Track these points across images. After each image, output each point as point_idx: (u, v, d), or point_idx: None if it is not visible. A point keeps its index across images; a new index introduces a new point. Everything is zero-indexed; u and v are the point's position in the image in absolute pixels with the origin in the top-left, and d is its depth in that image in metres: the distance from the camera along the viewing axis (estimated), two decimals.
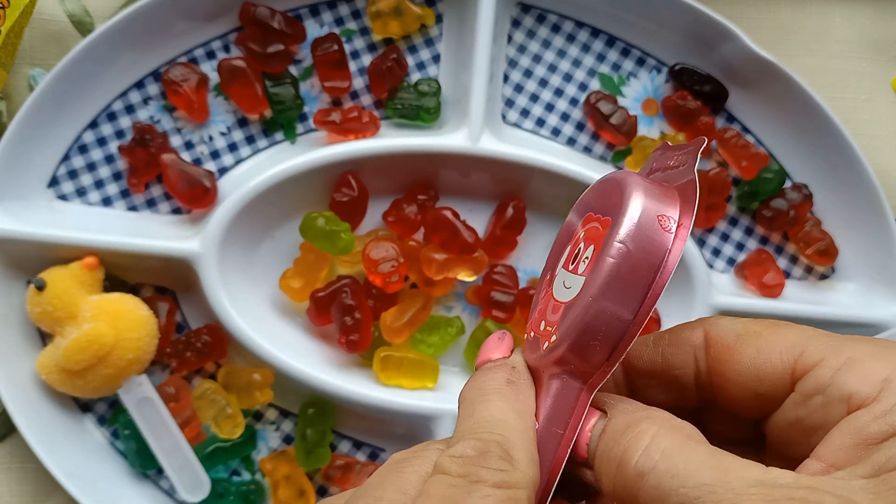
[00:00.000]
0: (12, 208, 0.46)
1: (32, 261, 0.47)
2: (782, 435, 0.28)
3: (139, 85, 0.49)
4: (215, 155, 0.49)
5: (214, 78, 0.49)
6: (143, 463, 0.47)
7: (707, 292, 0.49)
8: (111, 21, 0.46)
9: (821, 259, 0.51)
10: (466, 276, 0.49)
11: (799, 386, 0.27)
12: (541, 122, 0.51)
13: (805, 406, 0.26)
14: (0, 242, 0.46)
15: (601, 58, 0.51)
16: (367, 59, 0.50)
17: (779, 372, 0.27)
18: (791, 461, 0.25)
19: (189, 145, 0.49)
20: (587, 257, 0.26)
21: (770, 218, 0.50)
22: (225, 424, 0.47)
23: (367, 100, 0.50)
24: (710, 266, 0.51)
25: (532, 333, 0.28)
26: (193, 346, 0.47)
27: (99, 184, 0.49)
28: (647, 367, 0.29)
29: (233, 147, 0.49)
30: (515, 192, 0.50)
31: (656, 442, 0.24)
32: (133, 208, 0.49)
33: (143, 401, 0.46)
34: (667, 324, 0.50)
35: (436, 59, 0.51)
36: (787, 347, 0.27)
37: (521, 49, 0.51)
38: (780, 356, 0.27)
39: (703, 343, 0.28)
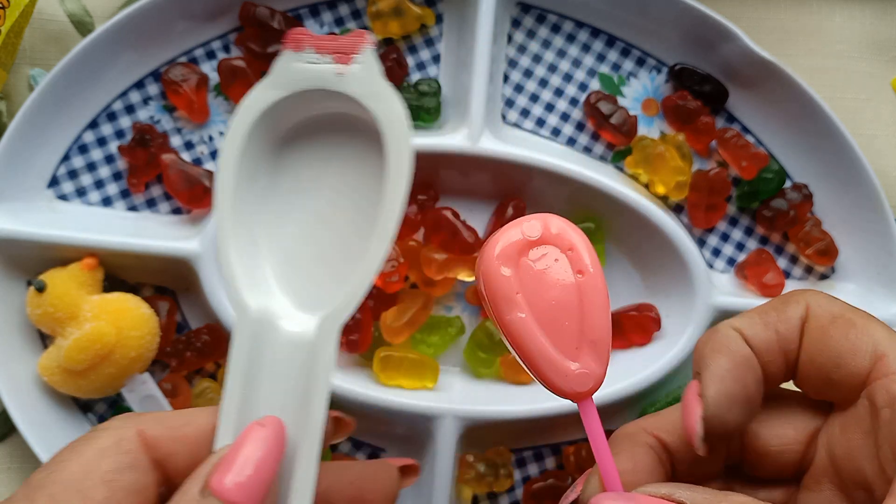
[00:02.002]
0: (12, 208, 0.46)
1: (32, 261, 0.47)
2: (841, 449, 0.28)
3: (139, 85, 0.49)
4: (215, 155, 0.49)
5: (214, 78, 0.49)
6: None
7: (707, 292, 0.49)
8: (111, 21, 0.46)
9: (821, 259, 0.51)
10: (466, 276, 0.49)
11: (868, 391, 0.27)
12: (541, 122, 0.51)
13: (872, 416, 0.27)
14: (0, 242, 0.46)
15: (601, 58, 0.51)
16: None
17: (856, 367, 0.28)
18: (846, 479, 0.26)
19: (189, 145, 0.49)
20: None
21: (770, 218, 0.50)
22: None
23: None
24: (710, 266, 0.51)
25: None
26: (193, 346, 0.47)
27: (99, 184, 0.49)
28: (765, 347, 0.29)
29: None
30: (515, 192, 0.50)
31: None
32: (133, 208, 0.49)
33: (147, 398, 0.46)
34: (667, 324, 0.50)
35: (436, 59, 0.51)
36: (872, 345, 0.28)
37: (522, 49, 0.51)
38: (863, 352, 0.28)
39: (804, 315, 0.29)
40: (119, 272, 0.48)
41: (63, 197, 0.48)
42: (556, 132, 0.51)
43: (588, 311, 0.28)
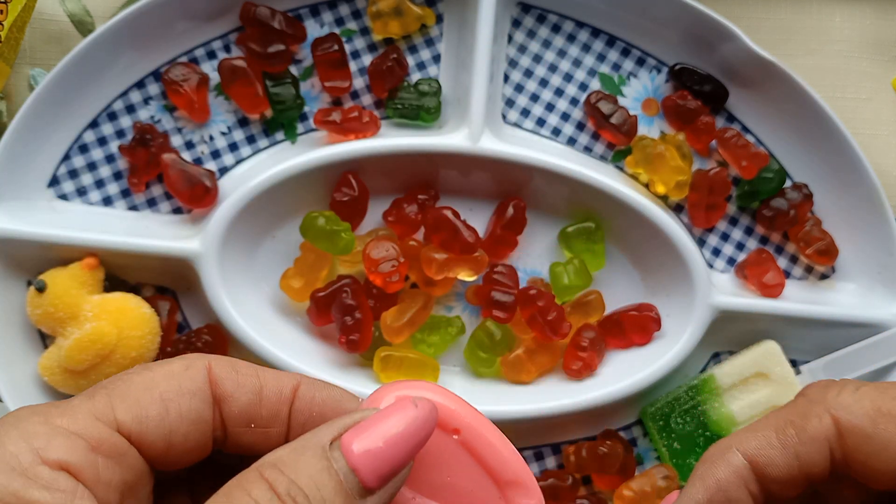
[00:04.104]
0: (12, 208, 0.46)
1: (33, 261, 0.47)
2: None
3: (140, 85, 0.49)
4: (216, 154, 0.49)
5: (215, 78, 0.49)
6: None
7: (707, 292, 0.49)
8: (111, 21, 0.46)
9: (821, 259, 0.51)
10: (467, 276, 0.49)
11: None
12: (541, 122, 0.51)
13: None
14: (0, 242, 0.46)
15: (601, 58, 0.51)
16: (367, 59, 0.50)
17: None
18: None
19: (190, 145, 0.49)
20: None
21: (770, 217, 0.51)
22: None
23: (367, 100, 0.50)
24: (710, 266, 0.51)
25: None
26: (194, 346, 0.47)
27: (99, 183, 0.49)
28: (784, 474, 0.27)
29: (233, 147, 0.49)
30: (516, 191, 0.50)
31: None
32: (133, 208, 0.49)
33: None
34: (667, 324, 0.50)
35: (436, 58, 0.51)
36: None
37: (522, 49, 0.51)
38: None
39: (835, 433, 0.27)
40: (120, 272, 0.48)
41: (63, 196, 0.48)
42: (556, 132, 0.51)
43: (486, 461, 0.26)
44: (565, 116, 0.51)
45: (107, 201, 0.49)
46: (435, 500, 0.26)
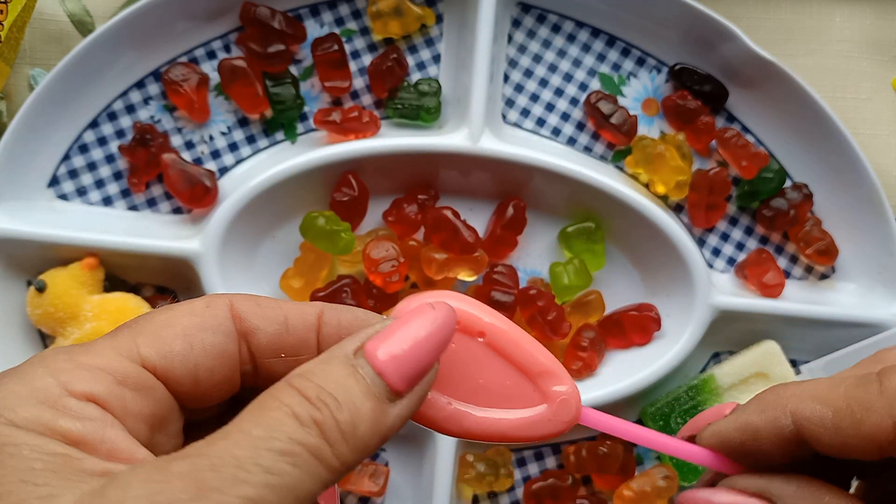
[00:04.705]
0: (12, 208, 0.46)
1: (33, 261, 0.47)
2: None
3: (140, 85, 0.49)
4: (216, 154, 0.49)
5: (215, 78, 0.49)
6: None
7: (707, 292, 0.49)
8: (111, 21, 0.46)
9: (821, 259, 0.51)
10: (467, 276, 0.49)
11: None
12: (541, 122, 0.51)
13: None
14: (0, 242, 0.46)
15: (601, 58, 0.51)
16: (367, 59, 0.50)
17: None
18: None
19: (190, 145, 0.49)
20: None
21: (770, 217, 0.50)
22: None
23: (367, 100, 0.50)
24: (710, 266, 0.51)
25: None
26: None
27: (99, 183, 0.49)
28: (825, 450, 0.26)
29: (233, 147, 0.49)
30: (516, 191, 0.50)
31: None
32: (133, 208, 0.49)
33: None
34: (667, 324, 0.50)
35: (436, 58, 0.51)
36: None
37: (522, 49, 0.51)
38: None
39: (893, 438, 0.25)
40: (120, 272, 0.48)
41: (63, 196, 0.48)
42: (556, 132, 0.51)
43: (514, 357, 0.27)
44: (565, 116, 0.51)
45: (107, 201, 0.49)
46: (472, 403, 0.27)
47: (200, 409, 0.27)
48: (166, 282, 0.49)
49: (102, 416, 0.23)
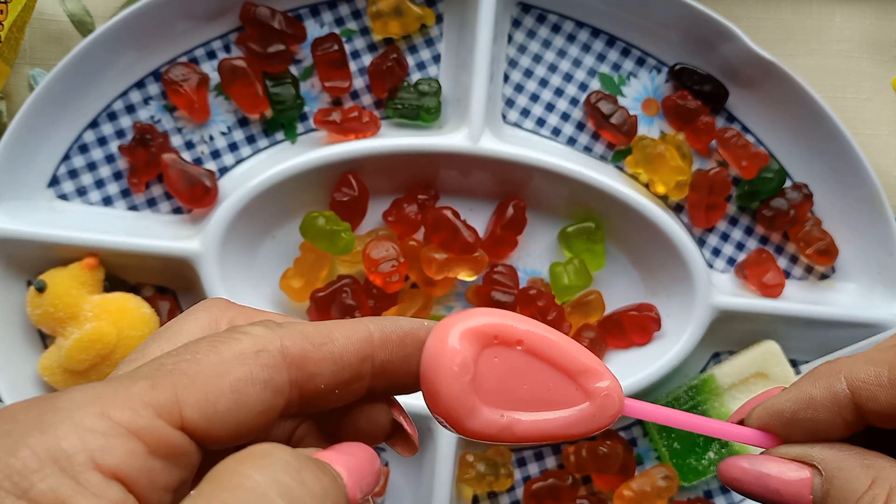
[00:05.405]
0: (12, 208, 0.46)
1: (33, 261, 0.47)
2: None
3: (140, 85, 0.49)
4: (216, 154, 0.49)
5: (215, 78, 0.49)
6: None
7: (707, 292, 0.49)
8: (111, 21, 0.46)
9: (821, 259, 0.51)
10: (467, 276, 0.49)
11: None
12: (541, 122, 0.51)
13: None
14: (0, 242, 0.46)
15: (601, 58, 0.51)
16: (367, 59, 0.50)
17: None
18: None
19: (190, 145, 0.49)
20: None
21: (770, 217, 0.50)
22: None
23: (367, 100, 0.50)
24: (710, 266, 0.51)
25: None
26: None
27: (99, 183, 0.49)
28: (884, 411, 0.27)
29: (233, 147, 0.49)
30: (516, 191, 0.50)
31: None
32: (133, 208, 0.49)
33: None
34: (667, 324, 0.50)
35: (436, 58, 0.51)
36: None
37: (522, 49, 0.51)
38: None
39: None
40: (120, 272, 0.48)
41: (63, 196, 0.48)
42: (556, 132, 0.51)
43: (553, 360, 0.28)
44: (565, 116, 0.51)
45: (107, 201, 0.49)
46: (520, 410, 0.28)
47: None
48: (166, 282, 0.49)
49: (124, 499, 0.21)
